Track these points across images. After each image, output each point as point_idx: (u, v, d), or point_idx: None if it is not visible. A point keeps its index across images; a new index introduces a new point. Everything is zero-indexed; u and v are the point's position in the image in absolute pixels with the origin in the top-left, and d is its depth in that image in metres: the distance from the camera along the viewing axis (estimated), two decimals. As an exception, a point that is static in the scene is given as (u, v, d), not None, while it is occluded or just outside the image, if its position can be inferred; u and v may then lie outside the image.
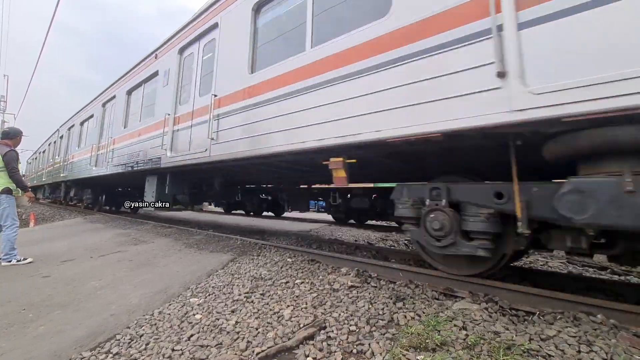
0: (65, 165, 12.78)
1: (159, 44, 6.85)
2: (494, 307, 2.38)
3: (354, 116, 2.96)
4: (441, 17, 2.47)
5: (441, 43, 2.44)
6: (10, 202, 4.59)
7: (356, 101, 2.96)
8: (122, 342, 2.26)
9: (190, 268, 3.84)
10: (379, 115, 2.78)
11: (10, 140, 4.73)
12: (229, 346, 2.07)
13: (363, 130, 2.87)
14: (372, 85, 2.86)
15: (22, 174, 5.60)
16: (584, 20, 1.86)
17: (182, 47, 5.95)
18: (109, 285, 3.40)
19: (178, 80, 5.96)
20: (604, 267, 4.50)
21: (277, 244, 5.03)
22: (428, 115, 2.47)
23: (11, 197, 4.61)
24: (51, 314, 2.73)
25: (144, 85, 7.41)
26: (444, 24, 2.45)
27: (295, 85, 3.56)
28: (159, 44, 6.90)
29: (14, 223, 4.57)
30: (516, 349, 1.72)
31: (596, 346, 1.73)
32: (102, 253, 4.89)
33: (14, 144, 4.77)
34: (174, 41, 6.21)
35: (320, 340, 2.03)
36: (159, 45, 6.86)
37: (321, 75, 3.30)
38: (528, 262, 4.91)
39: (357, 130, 2.92)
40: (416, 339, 1.87)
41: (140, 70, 7.61)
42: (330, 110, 3.16)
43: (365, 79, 2.92)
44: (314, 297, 2.74)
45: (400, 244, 6.21)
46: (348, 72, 3.06)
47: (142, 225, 8.04)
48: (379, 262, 3.57)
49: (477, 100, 2.22)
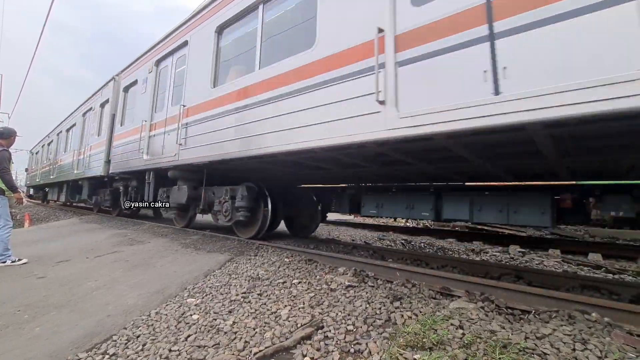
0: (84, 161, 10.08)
1: (136, 57, 7.63)
2: (490, 306, 2.39)
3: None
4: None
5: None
6: (3, 203, 4.55)
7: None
8: (118, 343, 2.25)
9: (187, 268, 3.83)
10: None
11: (4, 140, 4.68)
12: (226, 346, 2.07)
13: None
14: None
15: (27, 167, 5.68)
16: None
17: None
18: (105, 285, 3.38)
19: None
20: (598, 266, 4.55)
21: (274, 243, 5.03)
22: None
23: (3, 198, 4.57)
24: (47, 315, 2.71)
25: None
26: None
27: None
28: (135, 57, 7.69)
29: (7, 223, 4.53)
30: (512, 348, 1.73)
31: (591, 344, 1.75)
32: (98, 253, 4.86)
33: (7, 144, 4.72)
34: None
35: (317, 340, 2.04)
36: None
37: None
38: (524, 261, 4.95)
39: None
40: (413, 338, 1.88)
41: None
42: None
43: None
44: (312, 296, 2.75)
45: (397, 243, 6.23)
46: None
47: (138, 226, 7.99)
48: (376, 262, 3.59)
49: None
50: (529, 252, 5.57)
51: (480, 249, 5.85)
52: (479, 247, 6.05)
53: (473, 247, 5.96)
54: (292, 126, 3.48)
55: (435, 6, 2.55)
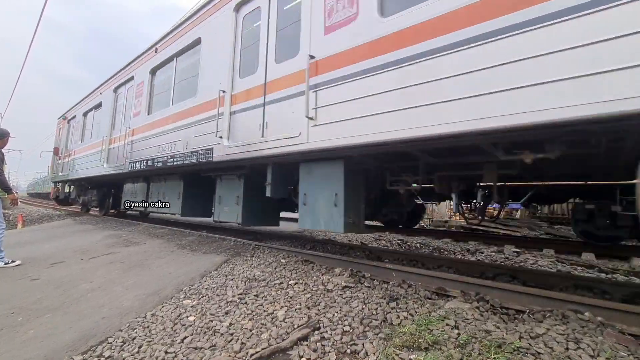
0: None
1: (100, 83, 9.97)
2: (485, 306, 2.41)
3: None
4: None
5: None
6: None
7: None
8: (114, 345, 2.24)
9: (184, 269, 3.82)
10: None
11: (-3, 141, 4.63)
12: (222, 348, 2.07)
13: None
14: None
15: (57, 147, 6.59)
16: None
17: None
18: (100, 287, 3.36)
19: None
20: (591, 266, 4.60)
21: (270, 244, 5.02)
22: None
23: None
24: (41, 318, 2.69)
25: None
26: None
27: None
28: (100, 83, 10.03)
29: (0, 225, 4.48)
30: (507, 347, 1.75)
31: (584, 343, 1.77)
32: (93, 255, 4.83)
33: (0, 145, 4.67)
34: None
35: (314, 341, 2.04)
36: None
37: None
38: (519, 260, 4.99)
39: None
40: (409, 338, 1.89)
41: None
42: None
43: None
44: (308, 297, 2.75)
45: (393, 244, 6.26)
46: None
47: (134, 227, 7.94)
48: (372, 262, 3.60)
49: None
50: (523, 252, 5.62)
51: (476, 249, 5.89)
52: (475, 247, 6.09)
53: (468, 247, 6.00)
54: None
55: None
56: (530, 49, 2.09)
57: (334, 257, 3.95)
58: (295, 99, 3.65)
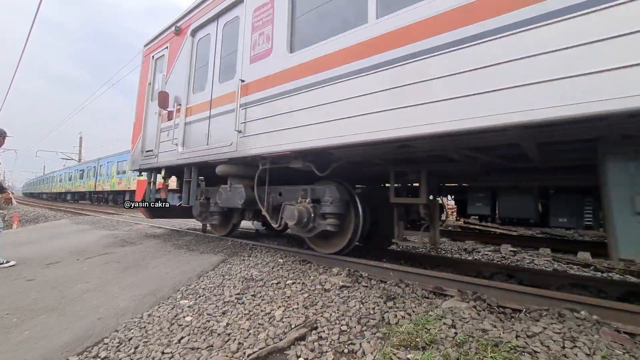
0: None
1: None
2: (482, 305, 2.42)
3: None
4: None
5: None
6: None
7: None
8: (110, 346, 2.23)
9: (180, 269, 3.80)
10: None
11: (-7, 141, 4.59)
12: (220, 348, 2.06)
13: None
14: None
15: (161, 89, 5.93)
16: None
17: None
18: (96, 288, 3.34)
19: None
20: (587, 265, 4.63)
21: (268, 244, 5.02)
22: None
23: None
24: (36, 319, 2.67)
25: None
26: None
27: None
28: None
29: (-3, 225, 4.44)
30: (503, 346, 1.76)
31: (580, 342, 1.78)
32: (89, 255, 4.80)
33: (-4, 144, 4.63)
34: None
35: (311, 341, 2.04)
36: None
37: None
38: (515, 260, 5.02)
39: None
40: (406, 338, 1.89)
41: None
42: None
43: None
44: (305, 297, 2.75)
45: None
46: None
47: (130, 227, 7.90)
48: (370, 262, 3.60)
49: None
50: (520, 251, 5.65)
51: (473, 248, 5.92)
52: (472, 246, 6.12)
53: (466, 247, 6.02)
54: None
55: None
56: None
57: (332, 257, 3.95)
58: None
